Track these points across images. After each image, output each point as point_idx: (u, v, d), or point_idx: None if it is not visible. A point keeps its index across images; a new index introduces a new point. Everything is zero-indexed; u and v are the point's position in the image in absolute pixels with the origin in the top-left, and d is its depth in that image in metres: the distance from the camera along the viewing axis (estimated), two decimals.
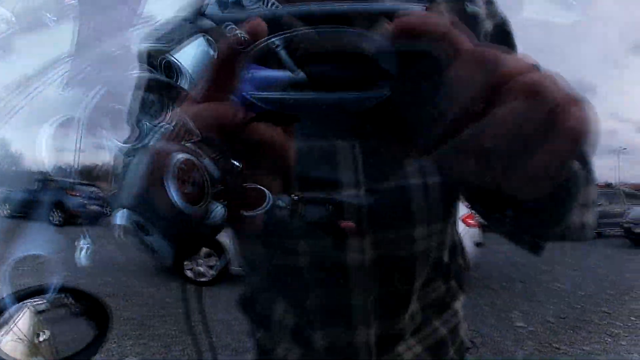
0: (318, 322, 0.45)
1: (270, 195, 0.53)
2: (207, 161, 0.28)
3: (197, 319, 0.49)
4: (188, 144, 0.28)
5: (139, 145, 0.28)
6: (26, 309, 0.38)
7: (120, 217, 0.29)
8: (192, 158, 0.26)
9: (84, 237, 0.31)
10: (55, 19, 0.50)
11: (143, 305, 3.25)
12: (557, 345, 2.23)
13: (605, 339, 2.60)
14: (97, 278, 3.23)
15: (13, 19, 0.66)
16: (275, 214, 0.50)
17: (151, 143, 0.29)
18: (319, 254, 0.43)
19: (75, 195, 7.67)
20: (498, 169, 0.19)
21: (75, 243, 0.31)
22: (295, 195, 0.60)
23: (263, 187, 0.29)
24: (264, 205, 0.49)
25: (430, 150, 0.23)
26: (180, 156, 0.26)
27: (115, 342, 2.38)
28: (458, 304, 0.50)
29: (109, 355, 2.26)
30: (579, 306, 3.30)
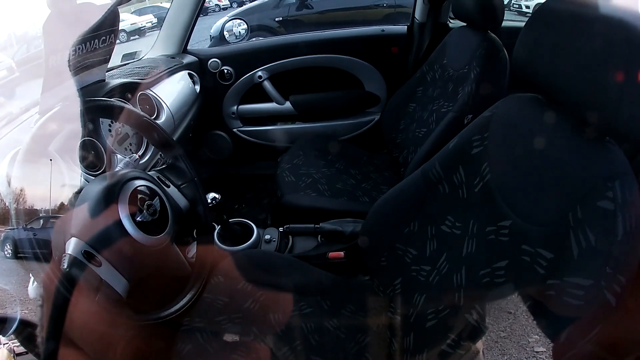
0: None
1: (256, 228, 0.51)
2: (172, 190, 0.27)
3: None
4: (152, 172, 0.27)
5: (102, 173, 0.28)
6: (2, 346, 0.36)
7: (69, 246, 0.28)
8: (152, 185, 0.26)
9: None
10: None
11: None
12: None
13: None
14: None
15: (14, 65, 0.68)
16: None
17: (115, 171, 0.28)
18: None
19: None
20: None
21: (30, 274, 0.29)
22: (282, 228, 0.58)
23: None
24: (250, 239, 0.46)
25: None
26: (138, 182, 0.25)
27: None
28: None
29: None
30: None
